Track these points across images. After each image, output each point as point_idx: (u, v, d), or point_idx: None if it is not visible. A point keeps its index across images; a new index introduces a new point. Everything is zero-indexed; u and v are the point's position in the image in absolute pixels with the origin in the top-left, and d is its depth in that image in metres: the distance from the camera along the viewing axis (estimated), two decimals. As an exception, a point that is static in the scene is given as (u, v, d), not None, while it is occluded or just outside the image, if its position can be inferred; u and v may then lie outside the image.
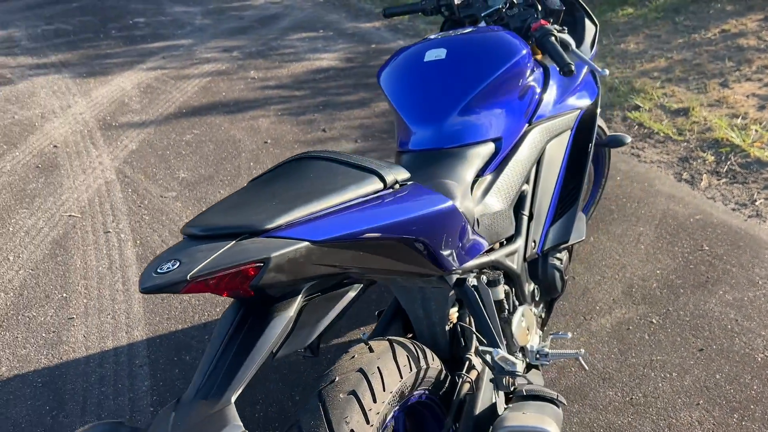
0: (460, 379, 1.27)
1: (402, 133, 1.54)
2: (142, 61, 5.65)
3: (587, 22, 1.94)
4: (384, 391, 1.05)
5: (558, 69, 1.50)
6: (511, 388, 1.29)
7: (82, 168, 3.53)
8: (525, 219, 1.58)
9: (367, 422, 1.00)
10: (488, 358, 1.21)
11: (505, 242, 1.53)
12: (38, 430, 1.88)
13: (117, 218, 2.99)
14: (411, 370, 1.14)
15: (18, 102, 4.65)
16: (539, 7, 1.73)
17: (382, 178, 1.07)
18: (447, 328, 1.41)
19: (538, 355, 1.52)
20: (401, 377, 1.10)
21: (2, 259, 2.71)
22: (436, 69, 1.50)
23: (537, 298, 1.69)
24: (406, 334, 1.51)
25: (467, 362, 1.30)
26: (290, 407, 1.94)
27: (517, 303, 1.56)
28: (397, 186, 1.11)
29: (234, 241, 0.83)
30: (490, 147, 1.47)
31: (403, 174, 1.14)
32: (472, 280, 1.32)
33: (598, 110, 1.90)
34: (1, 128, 4.15)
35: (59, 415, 1.93)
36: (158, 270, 0.78)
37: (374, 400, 1.03)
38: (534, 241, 1.60)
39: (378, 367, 1.07)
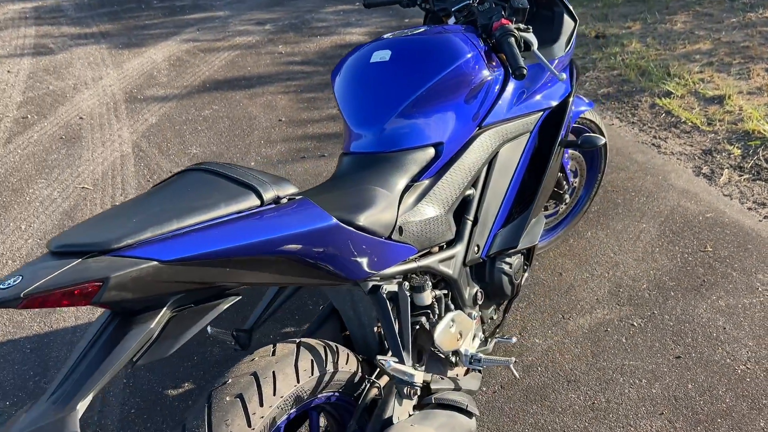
0: (369, 384, 1.30)
1: (346, 134, 1.55)
2: (178, 32, 5.80)
3: (566, 18, 1.87)
4: (274, 395, 1.09)
5: (510, 72, 1.47)
6: (414, 397, 1.30)
7: (102, 140, 3.70)
8: (468, 224, 1.57)
9: (249, 425, 1.04)
10: (383, 365, 1.24)
11: (445, 246, 1.53)
12: (20, 393, 2.04)
13: (125, 192, 3.14)
14: (312, 374, 1.17)
15: (55, 72, 4.87)
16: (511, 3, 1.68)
17: (259, 195, 1.07)
18: (376, 330, 1.44)
19: (471, 360, 1.53)
20: (298, 382, 1.14)
21: (15, 227, 2.90)
22: (380, 71, 1.50)
23: (480, 302, 1.68)
24: (342, 332, 1.55)
25: (379, 367, 1.32)
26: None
27: (452, 307, 1.56)
28: (285, 200, 1.11)
29: (80, 260, 0.87)
30: (429, 152, 1.47)
31: (287, 189, 1.13)
32: (389, 287, 1.33)
33: (570, 110, 1.84)
34: (36, 98, 4.38)
35: (41, 381, 2.08)
36: (0, 285, 0.83)
37: (261, 404, 1.07)
38: (477, 246, 1.59)
39: (273, 372, 1.11)
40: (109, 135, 3.77)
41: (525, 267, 1.84)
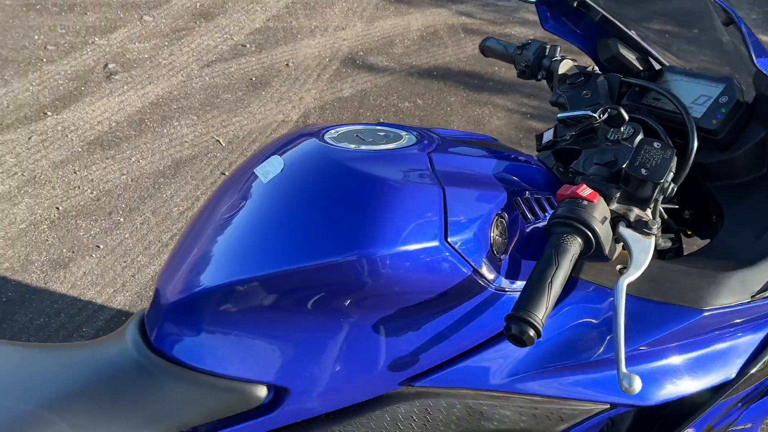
0: None
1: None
2: (463, 1, 5.47)
3: None
4: None
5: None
6: None
7: (281, 97, 3.60)
8: None
9: None
10: None
11: None
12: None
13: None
14: None
15: (310, 9, 4.96)
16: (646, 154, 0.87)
17: None
18: None
19: None
20: None
21: (126, 161, 2.94)
22: (246, 196, 0.88)
23: None
24: None
25: None
26: None
27: None
28: None
29: None
30: (256, 393, 0.82)
31: None
32: None
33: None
34: (270, 30, 4.50)
35: None
36: None
37: None
38: None
39: None
40: (293, 94, 3.65)
41: None
